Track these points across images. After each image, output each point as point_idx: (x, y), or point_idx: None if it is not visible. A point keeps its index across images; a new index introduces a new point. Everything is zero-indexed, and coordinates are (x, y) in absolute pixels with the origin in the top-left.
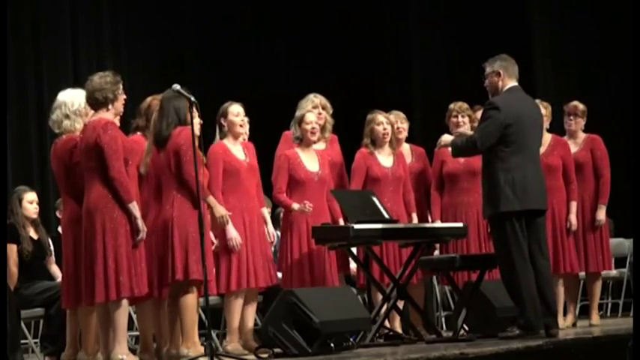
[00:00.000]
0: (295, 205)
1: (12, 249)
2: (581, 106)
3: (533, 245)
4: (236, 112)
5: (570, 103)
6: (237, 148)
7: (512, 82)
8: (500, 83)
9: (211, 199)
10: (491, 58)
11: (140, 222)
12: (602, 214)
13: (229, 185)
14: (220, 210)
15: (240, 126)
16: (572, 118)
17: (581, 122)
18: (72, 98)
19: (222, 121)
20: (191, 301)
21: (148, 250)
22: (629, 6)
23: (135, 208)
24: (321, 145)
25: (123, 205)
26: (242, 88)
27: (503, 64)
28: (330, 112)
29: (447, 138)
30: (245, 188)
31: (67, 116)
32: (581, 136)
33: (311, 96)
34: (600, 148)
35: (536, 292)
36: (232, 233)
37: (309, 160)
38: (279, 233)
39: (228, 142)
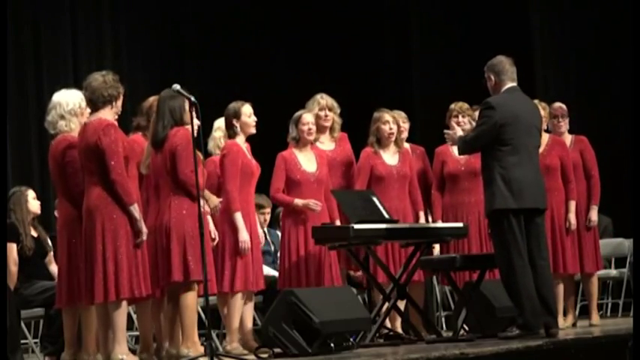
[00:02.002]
0: (299, 201)
1: (12, 248)
2: (565, 107)
3: (532, 245)
4: (248, 112)
5: (556, 105)
6: (246, 149)
7: (509, 84)
8: (495, 87)
9: (207, 192)
10: (489, 62)
11: (141, 224)
12: (595, 215)
13: (245, 185)
14: (215, 200)
15: (253, 126)
16: (561, 119)
17: (567, 122)
18: (66, 99)
19: (235, 122)
20: (191, 300)
21: (147, 250)
22: (630, 7)
23: (136, 210)
24: (330, 145)
25: (123, 207)
26: (242, 89)
27: (495, 69)
28: (338, 111)
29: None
30: (254, 189)
31: (62, 117)
32: (568, 137)
33: (317, 97)
34: (588, 150)
35: (534, 291)
36: (245, 236)
37: (306, 161)
38: (279, 233)
39: (240, 142)
